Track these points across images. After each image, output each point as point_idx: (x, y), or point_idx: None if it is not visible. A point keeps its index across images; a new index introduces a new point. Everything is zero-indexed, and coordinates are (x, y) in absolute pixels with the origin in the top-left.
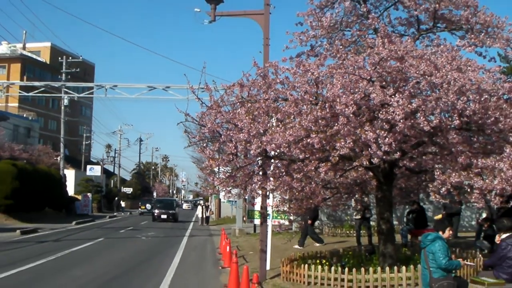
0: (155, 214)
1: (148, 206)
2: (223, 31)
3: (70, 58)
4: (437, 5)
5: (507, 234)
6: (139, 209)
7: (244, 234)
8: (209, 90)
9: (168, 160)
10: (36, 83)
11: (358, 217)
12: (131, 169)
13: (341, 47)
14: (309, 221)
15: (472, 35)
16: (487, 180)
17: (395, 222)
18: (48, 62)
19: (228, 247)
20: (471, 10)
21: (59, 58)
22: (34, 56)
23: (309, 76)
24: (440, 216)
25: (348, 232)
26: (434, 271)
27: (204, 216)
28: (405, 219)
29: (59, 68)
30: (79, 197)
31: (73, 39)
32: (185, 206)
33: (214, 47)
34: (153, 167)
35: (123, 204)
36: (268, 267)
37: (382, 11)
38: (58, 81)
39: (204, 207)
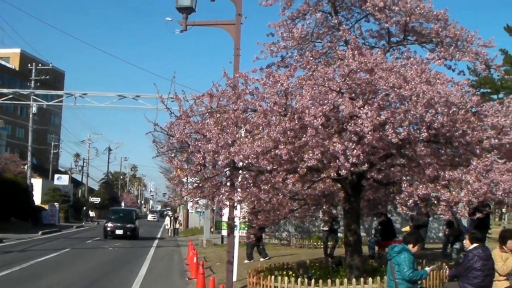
0: (108, 229)
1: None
2: (194, 41)
3: (40, 65)
4: (408, 18)
5: (474, 245)
6: None
7: (212, 245)
8: (179, 100)
9: (137, 170)
10: (5, 90)
11: (326, 228)
12: (99, 179)
13: (311, 58)
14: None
15: (442, 49)
16: (453, 192)
17: (362, 234)
18: (17, 69)
19: (195, 258)
20: (441, 23)
21: (29, 65)
22: (3, 63)
23: (279, 87)
24: (407, 228)
25: (315, 243)
26: (400, 283)
27: (173, 227)
28: (372, 231)
29: (28, 75)
30: (46, 206)
31: (43, 46)
32: (150, 217)
33: (185, 56)
34: (121, 177)
35: (91, 213)
36: (235, 279)
37: (353, 23)
38: (27, 88)
39: (172, 218)
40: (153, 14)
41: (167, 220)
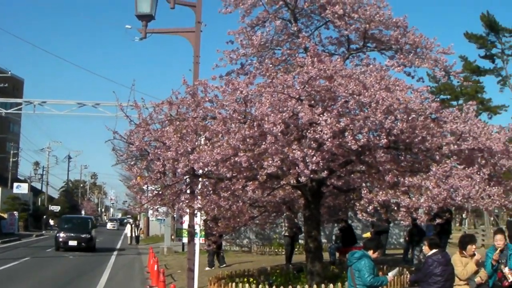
0: (60, 239)
1: None
2: (154, 48)
3: None
4: (367, 25)
5: (434, 251)
6: None
7: (173, 252)
8: (138, 107)
9: (97, 178)
10: None
11: (287, 234)
12: (59, 187)
13: (271, 65)
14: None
15: (401, 55)
16: (413, 198)
17: (323, 240)
18: None
19: (156, 266)
20: (400, 30)
21: None
22: None
23: (238, 94)
24: (368, 234)
25: (276, 250)
26: None
27: (134, 235)
28: (333, 237)
29: None
30: (5, 215)
31: (1, 54)
32: (110, 225)
33: (145, 64)
34: (81, 185)
35: (51, 222)
36: (196, 286)
37: (313, 30)
38: None
39: (133, 225)
40: (113, 21)
41: (128, 228)
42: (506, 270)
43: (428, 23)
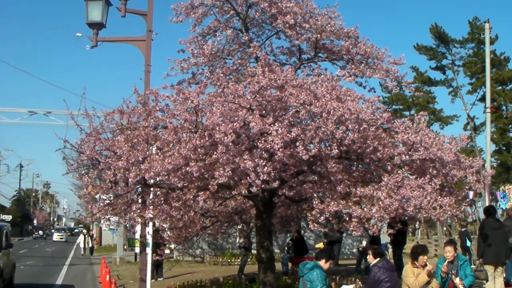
0: None
1: (41, 232)
2: (105, 56)
3: None
4: (318, 35)
5: (377, 260)
6: (33, 234)
7: (125, 262)
8: (89, 116)
9: (50, 187)
10: None
11: (243, 244)
12: (11, 196)
13: (222, 75)
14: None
15: (353, 66)
16: (365, 209)
17: (276, 250)
18: None
19: (108, 276)
20: (352, 41)
21: None
22: None
23: (189, 104)
24: (321, 244)
25: (229, 260)
26: None
27: (88, 246)
28: (285, 247)
29: None
30: None
31: None
32: (56, 237)
33: (96, 72)
34: (33, 194)
35: None
36: None
37: (264, 40)
38: None
39: (87, 235)
40: (64, 29)
41: (81, 238)
42: (457, 280)
43: (379, 34)
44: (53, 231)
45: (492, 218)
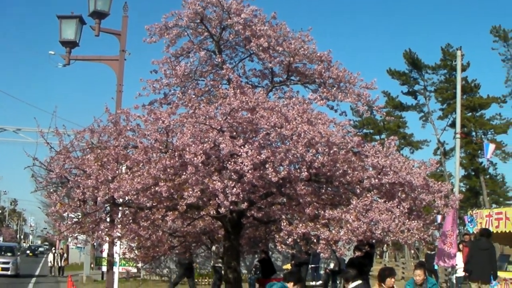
0: None
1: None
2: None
3: None
4: (291, 59)
5: (356, 283)
6: None
7: (92, 281)
8: (59, 134)
9: (17, 204)
10: None
11: (220, 264)
12: None
13: (194, 96)
14: None
15: (325, 89)
16: (333, 231)
17: (243, 271)
18: None
19: None
20: (324, 64)
21: None
22: None
23: (160, 124)
24: (288, 265)
25: (196, 280)
26: None
27: (57, 265)
28: (253, 268)
29: None
30: None
31: None
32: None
33: (68, 90)
34: (0, 211)
35: None
36: None
37: (237, 62)
38: None
39: (56, 254)
40: (36, 46)
41: (51, 257)
42: None
43: (352, 59)
44: None
45: (485, 239)
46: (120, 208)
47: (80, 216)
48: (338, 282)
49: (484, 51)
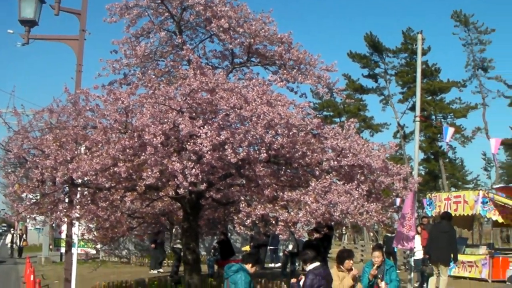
0: None
1: None
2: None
3: None
4: (252, 40)
5: (313, 265)
6: None
7: (51, 262)
8: (18, 114)
9: None
10: None
11: (179, 246)
12: None
13: (153, 77)
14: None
15: (285, 71)
16: (292, 213)
17: (202, 253)
18: None
19: (32, 276)
20: (285, 46)
21: None
22: None
23: (119, 104)
24: (247, 247)
25: None
26: None
27: (16, 246)
28: (212, 250)
29: None
30: None
31: None
32: None
33: (27, 70)
34: None
35: None
36: None
37: (197, 43)
38: None
39: (15, 235)
40: None
41: (9, 238)
42: (382, 284)
43: (313, 41)
44: None
45: (446, 222)
46: (78, 188)
47: (38, 197)
48: (296, 264)
49: (445, 35)
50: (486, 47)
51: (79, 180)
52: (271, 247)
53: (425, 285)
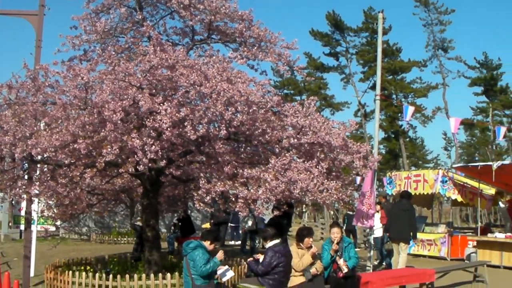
0: None
1: None
2: None
3: None
4: (212, 17)
5: (273, 242)
6: None
7: (10, 240)
8: None
9: None
10: None
11: (139, 223)
12: None
13: (113, 53)
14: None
15: (245, 48)
16: (252, 190)
17: (163, 230)
18: None
19: None
20: (245, 24)
21: None
22: None
23: (79, 80)
24: (208, 224)
25: (116, 239)
26: (196, 279)
27: None
28: (172, 227)
29: None
30: None
31: None
32: None
33: None
34: None
35: None
36: (32, 274)
37: (158, 19)
38: None
39: None
40: None
41: None
42: (341, 261)
43: (273, 19)
44: None
45: (405, 200)
46: (38, 165)
47: None
48: (256, 241)
49: (406, 15)
50: (446, 27)
51: (39, 157)
52: (231, 225)
53: (384, 263)
